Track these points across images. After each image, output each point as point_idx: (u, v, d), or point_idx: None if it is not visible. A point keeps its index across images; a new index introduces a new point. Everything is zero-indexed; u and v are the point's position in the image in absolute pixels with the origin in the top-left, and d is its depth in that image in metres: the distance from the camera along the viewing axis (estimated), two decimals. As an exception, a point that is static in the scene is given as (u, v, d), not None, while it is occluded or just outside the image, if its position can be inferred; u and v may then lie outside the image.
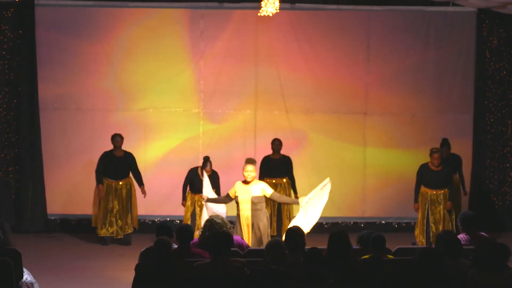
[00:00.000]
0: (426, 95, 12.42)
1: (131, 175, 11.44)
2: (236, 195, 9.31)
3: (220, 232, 7.00)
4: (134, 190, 11.43)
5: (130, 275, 6.69)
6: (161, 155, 12.22)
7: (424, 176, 10.94)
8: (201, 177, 10.54)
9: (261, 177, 11.21)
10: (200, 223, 9.72)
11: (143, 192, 11.38)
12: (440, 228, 10.71)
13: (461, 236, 7.73)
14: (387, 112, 12.44)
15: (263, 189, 9.35)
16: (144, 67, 12.21)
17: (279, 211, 11.40)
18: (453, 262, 6.25)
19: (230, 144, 12.03)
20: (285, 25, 12.21)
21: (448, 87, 12.44)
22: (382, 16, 12.40)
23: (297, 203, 9.45)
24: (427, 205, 10.89)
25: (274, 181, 11.39)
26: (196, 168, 11.14)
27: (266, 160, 11.55)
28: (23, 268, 7.05)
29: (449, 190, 10.87)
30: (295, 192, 11.38)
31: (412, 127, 12.40)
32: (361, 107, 12.43)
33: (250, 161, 9.39)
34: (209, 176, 10.28)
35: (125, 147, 12.02)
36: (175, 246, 7.23)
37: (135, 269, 6.54)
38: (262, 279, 5.66)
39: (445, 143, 11.46)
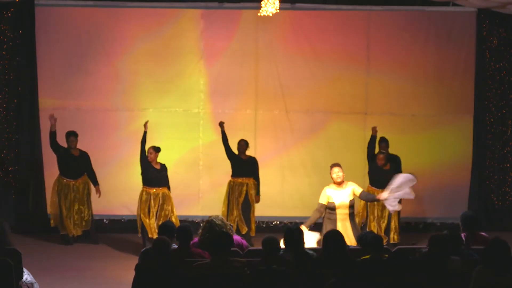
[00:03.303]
0: (426, 95, 12.42)
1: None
2: (332, 201, 9.37)
3: (220, 232, 7.00)
4: (90, 190, 11.43)
5: (130, 275, 6.70)
6: (161, 155, 12.18)
7: (373, 172, 11.05)
8: (153, 165, 10.82)
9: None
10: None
11: (98, 191, 11.35)
12: (383, 226, 10.80)
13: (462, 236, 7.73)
14: (387, 112, 12.44)
15: (353, 189, 9.47)
16: (144, 67, 12.21)
17: (246, 210, 11.30)
18: (453, 262, 6.26)
19: (230, 144, 12.01)
20: (285, 25, 12.22)
21: (448, 87, 12.45)
22: (382, 16, 12.40)
23: (378, 200, 9.81)
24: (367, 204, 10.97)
25: (240, 180, 11.36)
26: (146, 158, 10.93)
27: (235, 159, 11.47)
28: (23, 268, 7.05)
29: None
30: (258, 194, 11.33)
31: (412, 127, 12.40)
32: (361, 107, 12.44)
33: (335, 164, 9.58)
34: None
35: (125, 147, 12.07)
36: (175, 246, 7.24)
37: (135, 269, 6.54)
38: (262, 279, 5.66)
39: (382, 140, 11.44)
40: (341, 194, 9.36)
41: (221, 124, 11.31)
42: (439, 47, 12.37)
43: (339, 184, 9.44)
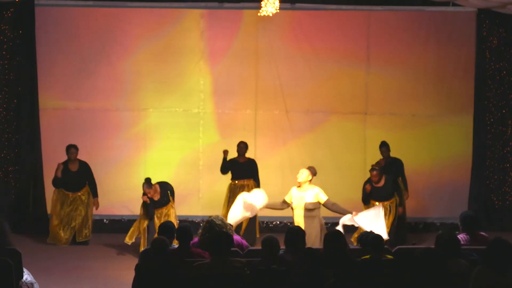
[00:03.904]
0: (426, 95, 12.43)
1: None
2: (291, 201, 9.32)
3: (220, 232, 7.00)
4: (91, 201, 11.38)
5: (130, 275, 6.69)
6: (161, 155, 12.21)
7: (369, 192, 10.88)
8: (154, 198, 10.32)
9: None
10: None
11: (95, 204, 11.32)
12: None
13: (461, 236, 7.72)
14: (387, 112, 12.44)
15: (317, 194, 9.27)
16: (144, 67, 12.22)
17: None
18: (452, 262, 6.25)
19: (230, 144, 12.01)
20: (285, 25, 12.22)
21: (448, 87, 12.45)
22: (382, 16, 12.40)
23: (349, 213, 9.22)
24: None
25: (241, 183, 11.31)
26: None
27: (232, 163, 11.43)
28: (23, 268, 7.05)
29: (398, 197, 10.90)
30: None
31: (412, 127, 12.40)
32: (361, 107, 12.44)
33: (307, 167, 9.45)
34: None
35: (126, 147, 12.06)
36: (175, 246, 7.24)
37: (135, 269, 6.54)
38: (262, 279, 5.66)
39: (383, 144, 11.44)
40: (300, 196, 9.28)
41: (225, 152, 11.30)
42: (439, 47, 12.38)
43: (299, 185, 9.36)
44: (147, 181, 10.27)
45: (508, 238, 6.07)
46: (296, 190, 9.35)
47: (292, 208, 9.34)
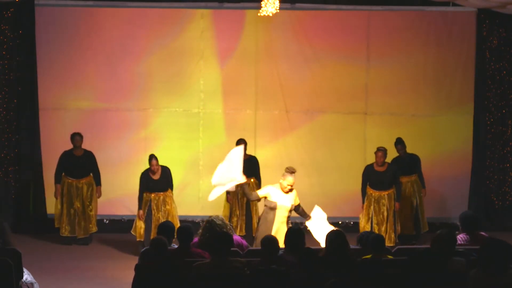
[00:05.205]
0: (426, 95, 12.43)
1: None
2: (272, 200, 8.98)
3: (220, 232, 7.00)
4: (95, 192, 11.41)
5: (130, 275, 6.70)
6: (161, 155, 12.18)
7: (369, 177, 10.95)
8: (152, 177, 10.61)
9: None
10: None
11: (98, 192, 11.36)
12: (383, 229, 10.73)
13: (461, 236, 7.72)
14: (387, 112, 12.44)
15: (296, 196, 9.11)
16: (144, 67, 12.21)
17: (248, 210, 11.29)
18: (452, 262, 6.25)
19: (230, 144, 12.01)
20: (285, 25, 12.22)
21: (448, 87, 12.45)
22: (382, 16, 12.41)
23: (308, 218, 9.13)
24: (371, 206, 10.88)
25: None
26: (146, 170, 10.83)
27: None
28: (23, 268, 7.05)
29: (396, 191, 10.93)
30: None
31: (412, 127, 12.40)
32: (361, 107, 12.44)
33: (292, 171, 9.00)
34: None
35: (126, 147, 12.05)
36: (175, 246, 7.25)
37: (135, 269, 6.55)
38: (262, 279, 5.66)
39: (398, 141, 11.47)
40: (284, 197, 9.02)
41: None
42: (439, 47, 12.38)
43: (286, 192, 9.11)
44: (154, 156, 10.67)
45: (508, 238, 6.07)
46: (278, 190, 9.05)
47: (271, 209, 8.99)
